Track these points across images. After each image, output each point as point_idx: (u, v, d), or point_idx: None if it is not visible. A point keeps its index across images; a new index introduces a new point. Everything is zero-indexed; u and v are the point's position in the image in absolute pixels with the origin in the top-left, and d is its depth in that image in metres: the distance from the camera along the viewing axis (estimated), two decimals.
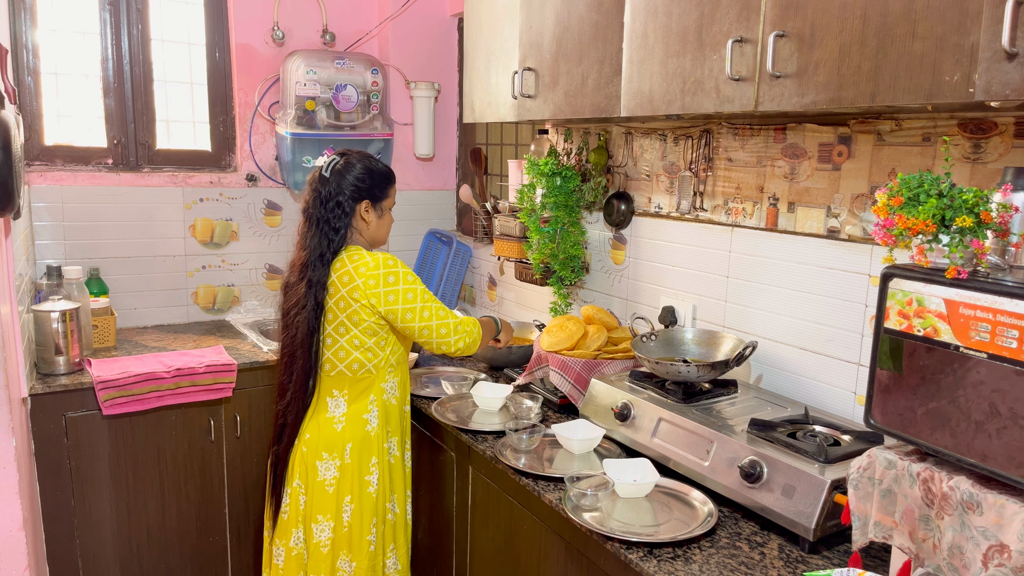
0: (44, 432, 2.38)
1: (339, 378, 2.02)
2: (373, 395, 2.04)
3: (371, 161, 2.05)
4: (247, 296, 3.31)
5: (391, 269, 1.95)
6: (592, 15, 2.00)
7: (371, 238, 2.07)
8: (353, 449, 2.01)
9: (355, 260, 1.95)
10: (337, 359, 2.01)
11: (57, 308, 2.43)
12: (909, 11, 1.27)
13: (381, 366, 2.04)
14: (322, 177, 2.00)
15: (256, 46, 3.19)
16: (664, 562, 1.46)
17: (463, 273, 3.43)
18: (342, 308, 1.96)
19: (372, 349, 2.00)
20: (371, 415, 2.04)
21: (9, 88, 2.06)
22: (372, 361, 2.01)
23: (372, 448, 2.04)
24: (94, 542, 2.51)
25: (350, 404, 2.03)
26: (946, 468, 1.20)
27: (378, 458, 2.05)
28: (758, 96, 1.55)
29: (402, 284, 1.95)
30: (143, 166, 3.08)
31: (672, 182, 2.33)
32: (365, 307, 1.95)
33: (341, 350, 2.00)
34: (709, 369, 1.87)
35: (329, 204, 1.98)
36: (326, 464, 2.01)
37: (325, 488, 2.01)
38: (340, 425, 2.02)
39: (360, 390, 2.03)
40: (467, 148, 3.49)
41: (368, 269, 1.93)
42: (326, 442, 2.01)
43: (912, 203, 1.20)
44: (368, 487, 2.04)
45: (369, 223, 2.04)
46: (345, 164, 2.01)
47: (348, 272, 1.94)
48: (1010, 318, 1.09)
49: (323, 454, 2.01)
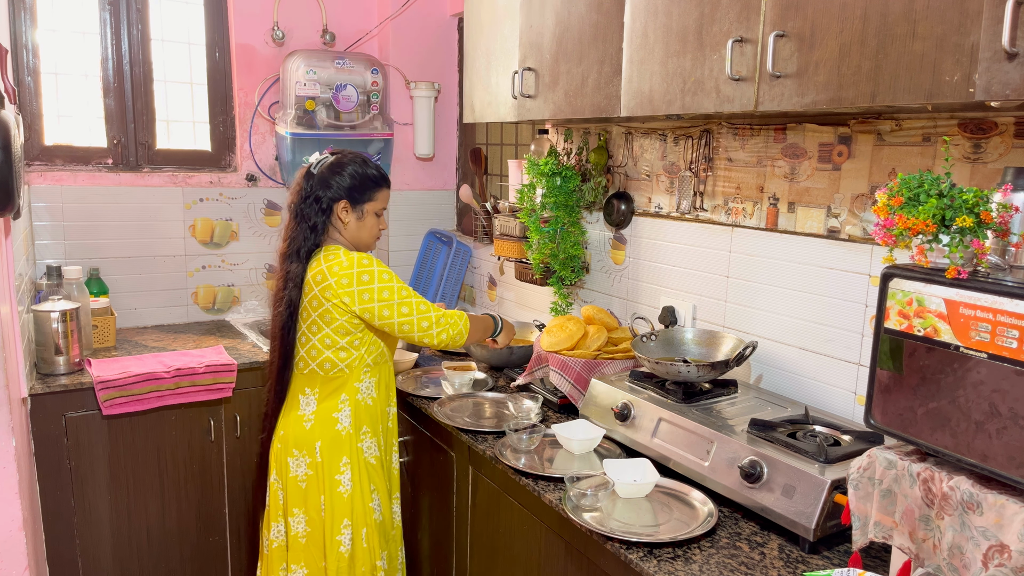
0: (44, 432, 2.38)
1: (311, 376, 2.03)
2: (345, 394, 2.03)
3: (362, 164, 2.03)
4: (247, 296, 3.31)
5: (365, 268, 1.94)
6: (592, 15, 2.00)
7: (351, 239, 2.05)
8: (323, 448, 2.01)
9: (330, 259, 1.95)
10: (310, 357, 2.01)
11: (57, 308, 2.43)
12: (909, 11, 1.27)
13: (355, 365, 2.02)
14: (308, 173, 2.01)
15: (256, 46, 3.19)
16: (664, 562, 1.46)
17: (463, 273, 3.43)
18: (314, 307, 1.96)
19: (345, 348, 1.99)
20: (342, 414, 2.02)
21: (9, 88, 2.06)
22: (345, 360, 2.00)
23: (343, 448, 2.02)
24: (94, 542, 2.51)
25: (319, 402, 2.03)
26: (946, 468, 1.20)
27: (350, 458, 2.03)
28: (758, 96, 1.55)
29: (377, 282, 1.94)
30: (143, 166, 3.08)
31: (672, 182, 2.33)
32: (337, 306, 1.94)
33: (313, 348, 2.00)
34: (709, 369, 1.87)
35: (308, 200, 1.98)
36: (297, 461, 2.02)
37: (298, 484, 2.02)
38: (309, 423, 2.02)
39: (331, 389, 2.03)
40: (467, 148, 3.49)
41: (341, 268, 1.93)
42: (295, 439, 2.02)
43: (912, 203, 1.20)
44: (338, 487, 2.02)
45: (347, 224, 2.02)
46: (334, 163, 2.01)
47: (322, 271, 1.94)
48: (1010, 318, 1.09)
49: (293, 451, 2.02)
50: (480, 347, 2.58)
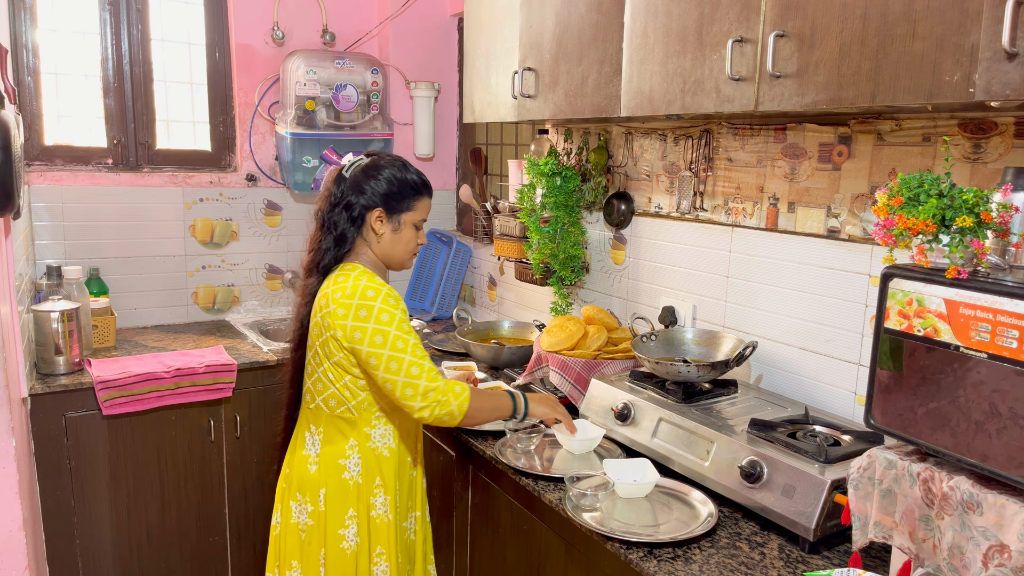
0: (44, 432, 2.38)
1: (316, 412, 1.79)
2: (354, 439, 1.77)
3: (401, 168, 1.78)
4: (247, 296, 3.31)
5: (365, 303, 1.65)
6: (592, 15, 2.00)
7: (383, 255, 1.80)
8: (327, 496, 1.76)
9: (338, 281, 1.70)
10: (316, 391, 1.77)
11: (57, 308, 2.43)
12: (909, 11, 1.27)
13: (363, 408, 1.76)
14: (340, 176, 1.77)
15: (256, 46, 3.19)
16: (664, 562, 1.46)
17: (463, 273, 3.43)
18: (316, 335, 1.73)
19: (349, 387, 1.73)
20: (349, 462, 1.76)
21: (9, 88, 2.06)
22: (351, 401, 1.74)
23: (349, 499, 1.76)
24: (94, 542, 2.51)
25: (323, 445, 1.78)
26: (946, 468, 1.20)
27: (356, 511, 1.76)
28: (758, 96, 1.55)
29: (372, 323, 1.64)
30: (143, 166, 3.08)
31: (672, 182, 2.33)
32: (332, 339, 1.69)
33: (319, 381, 1.76)
34: (709, 369, 1.87)
35: (338, 206, 1.75)
36: (300, 506, 1.79)
37: (298, 532, 1.79)
38: (314, 467, 1.78)
39: (336, 431, 1.77)
40: (467, 148, 3.49)
41: (343, 295, 1.67)
42: (299, 482, 1.79)
43: (912, 203, 1.20)
44: (340, 542, 1.75)
45: (381, 235, 1.77)
46: (369, 165, 1.77)
47: (327, 295, 1.70)
48: (1010, 318, 1.09)
49: (297, 495, 1.80)
50: (481, 347, 2.58)
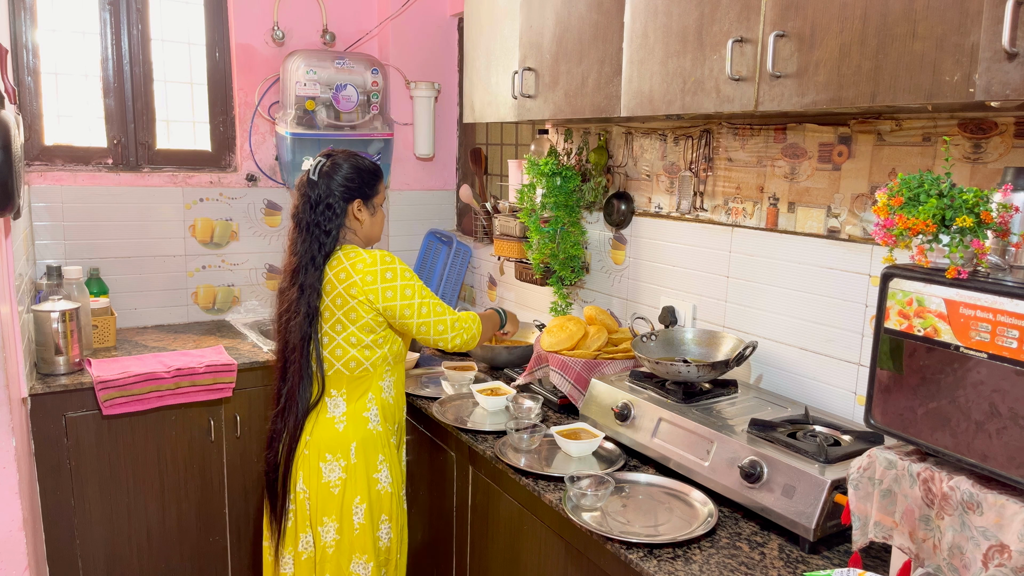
0: (44, 432, 2.38)
1: (336, 377, 2.00)
2: (372, 393, 2.02)
3: (358, 159, 2.02)
4: (247, 296, 3.31)
5: (388, 265, 1.95)
6: (592, 15, 2.00)
7: (366, 236, 2.06)
8: (358, 448, 1.99)
9: (352, 257, 1.94)
10: (334, 357, 1.98)
11: (57, 308, 2.43)
12: (909, 11, 1.27)
13: (378, 364, 2.01)
14: (310, 181, 1.98)
15: (256, 46, 3.19)
16: (664, 562, 1.46)
17: (463, 273, 3.43)
18: (339, 305, 1.95)
19: (370, 347, 1.98)
20: (371, 413, 2.02)
21: (9, 88, 2.06)
22: (369, 359, 1.99)
23: (378, 446, 2.03)
24: (94, 542, 2.51)
25: (349, 403, 2.01)
26: (946, 468, 1.20)
27: (385, 455, 2.04)
28: (758, 96, 1.55)
29: (400, 280, 1.95)
30: (143, 166, 3.08)
31: (672, 182, 2.33)
32: (363, 303, 1.93)
33: (339, 348, 1.97)
34: (709, 369, 1.87)
35: (319, 208, 1.95)
36: (330, 466, 1.99)
37: (330, 490, 1.98)
38: (342, 425, 1.99)
39: (358, 389, 2.01)
40: (467, 148, 3.49)
41: (365, 265, 1.93)
42: (328, 443, 1.99)
43: (912, 203, 1.20)
44: (377, 485, 2.02)
45: (363, 222, 2.03)
46: (332, 165, 1.98)
47: (345, 269, 1.93)
48: (1010, 318, 1.09)
49: (326, 455, 1.98)
50: (480, 347, 2.58)
